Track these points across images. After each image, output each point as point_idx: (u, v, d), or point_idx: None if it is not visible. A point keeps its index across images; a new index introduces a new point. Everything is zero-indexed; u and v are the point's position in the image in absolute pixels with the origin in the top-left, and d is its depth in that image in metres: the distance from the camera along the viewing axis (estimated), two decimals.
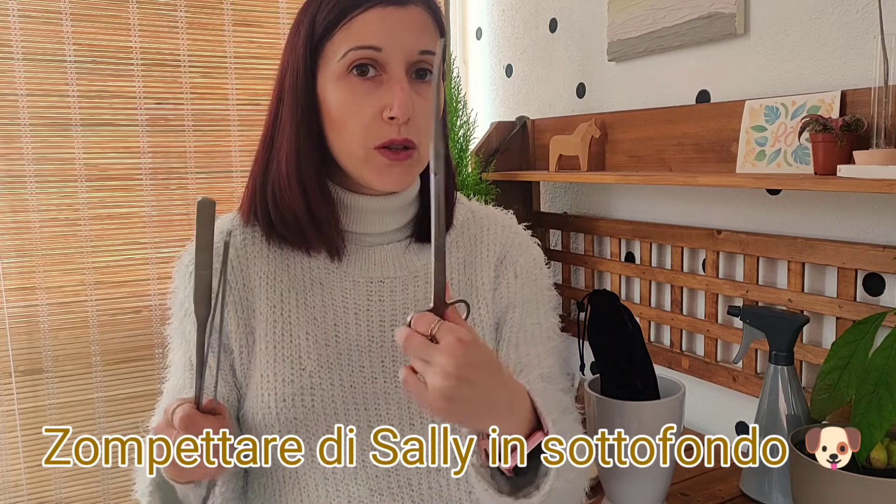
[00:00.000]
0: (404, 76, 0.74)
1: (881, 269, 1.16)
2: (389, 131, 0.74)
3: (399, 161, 0.75)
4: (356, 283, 0.82)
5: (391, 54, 0.73)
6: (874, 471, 0.98)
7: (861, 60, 1.19)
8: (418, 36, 0.75)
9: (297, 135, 0.77)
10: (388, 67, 0.74)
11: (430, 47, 0.75)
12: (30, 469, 1.85)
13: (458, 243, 0.88)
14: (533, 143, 1.96)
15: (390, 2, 0.74)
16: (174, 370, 0.84)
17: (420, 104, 0.75)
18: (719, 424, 1.50)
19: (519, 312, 0.87)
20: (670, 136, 1.52)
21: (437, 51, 0.69)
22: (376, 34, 0.73)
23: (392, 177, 0.76)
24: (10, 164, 1.77)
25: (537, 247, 0.93)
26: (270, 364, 0.79)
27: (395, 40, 0.73)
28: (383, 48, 0.73)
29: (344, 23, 0.74)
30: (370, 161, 0.76)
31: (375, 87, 0.74)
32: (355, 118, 0.74)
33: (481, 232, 0.89)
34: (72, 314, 1.87)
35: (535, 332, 0.87)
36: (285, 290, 0.81)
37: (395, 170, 0.76)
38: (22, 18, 1.76)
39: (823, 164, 1.13)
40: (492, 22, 2.20)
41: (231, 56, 1.99)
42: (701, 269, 1.52)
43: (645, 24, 1.58)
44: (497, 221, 0.91)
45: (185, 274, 0.83)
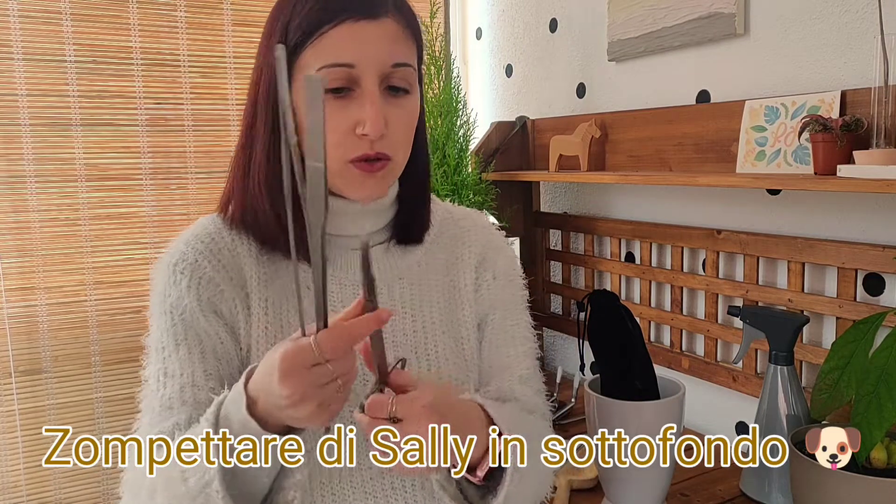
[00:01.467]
0: (377, 90, 0.73)
1: (881, 269, 1.16)
2: (362, 146, 0.74)
3: (373, 172, 0.76)
4: (342, 286, 0.82)
5: (363, 69, 0.73)
6: (874, 471, 0.98)
7: (861, 60, 1.19)
8: (391, 48, 0.74)
9: (271, 143, 0.77)
10: (361, 82, 0.73)
11: (404, 59, 0.75)
12: (29, 469, 1.85)
13: (438, 244, 0.89)
14: (533, 143, 1.96)
15: (362, 15, 0.72)
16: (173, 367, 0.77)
17: (393, 115, 0.75)
18: (719, 424, 1.50)
19: (500, 314, 0.90)
20: (670, 136, 1.52)
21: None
22: (348, 50, 0.72)
23: (366, 188, 0.77)
24: (10, 164, 1.77)
25: (511, 248, 0.96)
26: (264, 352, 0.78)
27: (367, 55, 0.72)
28: (356, 64, 0.72)
29: (315, 37, 0.72)
30: (344, 174, 0.76)
31: (348, 102, 0.73)
32: (328, 134, 0.74)
33: (461, 233, 0.91)
34: (71, 314, 1.86)
35: (514, 334, 0.90)
36: (278, 293, 0.80)
37: (368, 181, 0.76)
38: (22, 18, 1.76)
39: (823, 164, 1.13)
40: (492, 22, 2.20)
41: (230, 56, 1.99)
42: (701, 269, 1.52)
43: (645, 24, 1.58)
44: (475, 223, 0.93)
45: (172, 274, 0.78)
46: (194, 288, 0.78)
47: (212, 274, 0.79)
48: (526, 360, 0.90)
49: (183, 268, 0.78)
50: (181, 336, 0.77)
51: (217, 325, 0.78)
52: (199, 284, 0.78)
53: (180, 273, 0.78)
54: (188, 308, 0.78)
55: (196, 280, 0.78)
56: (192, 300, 0.78)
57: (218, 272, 0.79)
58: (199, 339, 0.77)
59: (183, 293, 0.78)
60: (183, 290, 0.78)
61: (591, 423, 1.12)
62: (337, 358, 0.60)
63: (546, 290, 1.99)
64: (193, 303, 0.78)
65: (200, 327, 0.78)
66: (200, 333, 0.78)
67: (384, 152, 0.75)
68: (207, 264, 0.79)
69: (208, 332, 0.78)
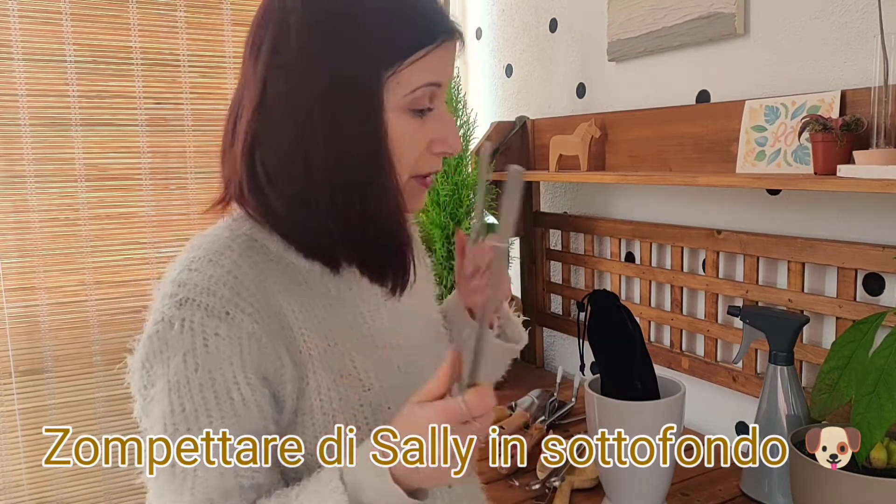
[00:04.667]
0: (447, 109, 0.75)
1: (881, 269, 1.17)
2: (436, 164, 0.75)
3: (427, 186, 0.78)
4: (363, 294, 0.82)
5: (444, 89, 0.74)
6: (874, 471, 0.98)
7: (861, 60, 1.19)
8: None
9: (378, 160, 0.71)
10: (436, 102, 0.73)
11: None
12: (30, 469, 1.86)
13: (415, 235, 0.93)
14: (533, 143, 1.96)
15: (453, 37, 0.73)
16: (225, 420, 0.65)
17: None
18: (719, 424, 1.50)
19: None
20: (670, 136, 1.52)
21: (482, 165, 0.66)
22: (445, 70, 0.73)
23: (421, 201, 0.79)
24: (10, 164, 1.78)
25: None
26: (324, 391, 0.71)
27: (449, 76, 0.74)
28: (443, 84, 0.73)
29: (422, 53, 0.70)
30: (407, 188, 0.75)
31: (424, 120, 0.73)
32: (409, 151, 0.73)
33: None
34: (72, 314, 1.87)
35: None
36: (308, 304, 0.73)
37: (423, 195, 0.78)
38: (22, 18, 1.76)
39: (823, 164, 1.13)
40: (492, 22, 2.20)
41: (230, 56, 1.99)
42: (701, 269, 1.52)
43: (645, 24, 1.58)
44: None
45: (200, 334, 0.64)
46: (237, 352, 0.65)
47: (251, 327, 0.66)
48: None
49: (216, 326, 0.64)
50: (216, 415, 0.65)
51: (260, 396, 0.67)
52: (241, 347, 0.65)
53: (214, 334, 0.64)
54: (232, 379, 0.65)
55: (237, 341, 0.65)
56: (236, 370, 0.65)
57: (256, 322, 0.66)
58: (236, 414, 0.66)
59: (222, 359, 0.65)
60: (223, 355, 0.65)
61: (591, 423, 1.12)
62: (481, 414, 0.61)
63: (546, 290, 1.99)
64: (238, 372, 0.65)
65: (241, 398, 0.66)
66: (238, 407, 0.66)
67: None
68: (242, 315, 0.65)
69: (247, 404, 0.66)
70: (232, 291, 0.66)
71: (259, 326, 0.66)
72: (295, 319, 0.70)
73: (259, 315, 0.66)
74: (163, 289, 0.68)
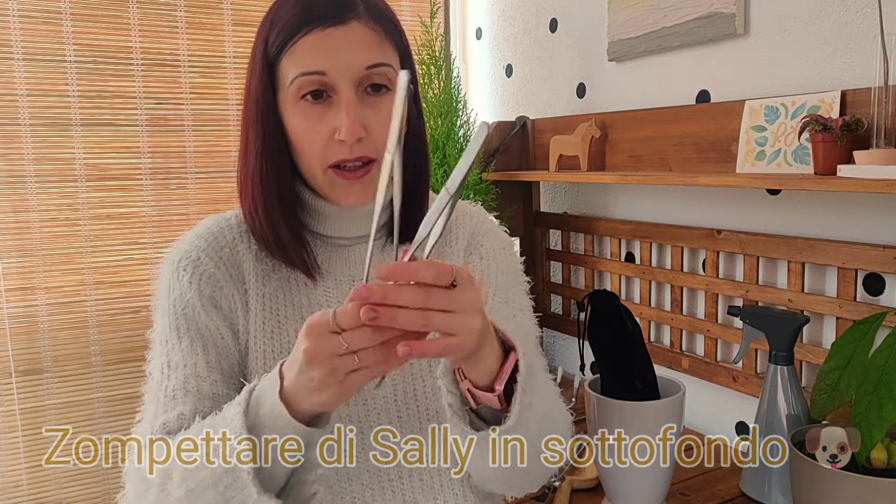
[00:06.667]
0: (353, 96, 0.75)
1: (881, 269, 1.17)
2: (342, 151, 0.76)
3: (356, 179, 0.77)
4: (338, 282, 0.84)
5: (336, 76, 0.74)
6: (874, 471, 0.98)
7: (861, 60, 1.19)
8: (362, 53, 0.75)
9: (262, 156, 0.79)
10: (337, 89, 0.75)
11: (379, 59, 0.76)
12: (30, 469, 1.85)
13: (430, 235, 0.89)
14: (533, 143, 1.96)
15: (328, 23, 0.74)
16: (177, 359, 0.79)
17: (374, 117, 0.76)
18: (719, 424, 1.50)
19: (489, 293, 0.90)
20: (670, 136, 1.52)
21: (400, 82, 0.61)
22: (318, 59, 0.74)
23: (352, 195, 0.79)
24: (10, 164, 1.77)
25: (505, 234, 0.95)
26: (260, 361, 0.81)
27: (337, 62, 0.74)
28: (327, 71, 0.74)
29: (288, 48, 0.75)
30: (329, 181, 0.78)
31: (327, 108, 0.75)
32: (310, 141, 0.76)
33: (450, 223, 0.91)
34: (71, 314, 1.86)
35: (500, 310, 0.88)
36: (275, 289, 0.83)
37: (353, 188, 0.78)
38: (22, 18, 1.76)
39: (823, 164, 1.13)
40: (492, 22, 2.20)
41: (230, 56, 1.99)
42: (701, 269, 1.52)
43: (645, 24, 1.58)
44: (466, 212, 0.93)
45: (175, 270, 0.82)
46: (196, 284, 0.81)
47: (213, 270, 0.82)
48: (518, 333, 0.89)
49: (185, 264, 0.81)
50: (184, 329, 0.80)
51: (217, 320, 0.81)
52: (200, 280, 0.81)
53: (183, 269, 0.81)
54: (190, 303, 0.80)
55: (198, 276, 0.81)
56: (193, 295, 0.80)
57: (218, 269, 0.82)
58: (200, 333, 0.80)
59: (185, 288, 0.80)
60: (185, 286, 0.80)
61: (591, 423, 1.12)
62: (349, 328, 0.59)
63: (546, 290, 1.99)
64: (195, 298, 0.80)
65: (202, 322, 0.80)
66: (202, 327, 0.80)
67: (367, 155, 0.76)
68: (209, 261, 0.82)
69: (209, 327, 0.80)
70: (208, 245, 0.82)
71: (220, 272, 0.82)
72: (252, 282, 0.82)
73: (223, 265, 0.82)
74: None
